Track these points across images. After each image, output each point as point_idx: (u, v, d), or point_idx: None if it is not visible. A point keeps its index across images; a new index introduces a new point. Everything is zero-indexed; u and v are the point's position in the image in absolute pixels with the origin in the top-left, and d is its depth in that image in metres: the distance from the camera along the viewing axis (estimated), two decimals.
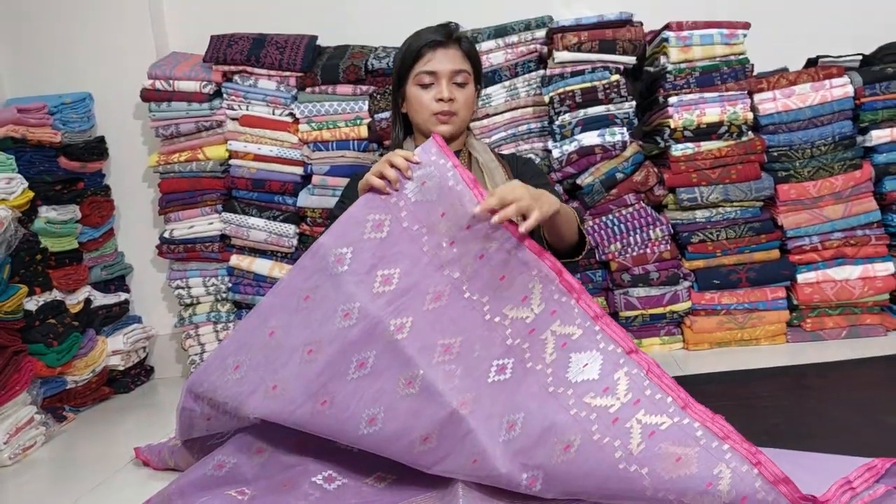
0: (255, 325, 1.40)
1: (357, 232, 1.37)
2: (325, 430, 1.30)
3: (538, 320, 1.33)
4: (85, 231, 2.41)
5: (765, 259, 2.21)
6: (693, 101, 2.18)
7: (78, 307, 2.29)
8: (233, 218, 2.37)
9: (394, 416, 1.27)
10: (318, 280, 1.36)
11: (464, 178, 1.37)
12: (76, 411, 2.24)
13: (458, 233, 1.36)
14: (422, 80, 1.73)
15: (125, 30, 2.54)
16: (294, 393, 1.29)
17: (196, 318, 2.43)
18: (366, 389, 1.28)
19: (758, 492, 1.12)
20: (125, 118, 2.59)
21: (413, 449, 1.26)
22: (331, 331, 1.31)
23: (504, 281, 1.35)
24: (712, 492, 1.13)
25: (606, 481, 1.19)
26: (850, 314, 2.21)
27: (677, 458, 1.16)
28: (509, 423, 1.27)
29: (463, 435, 1.25)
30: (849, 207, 2.18)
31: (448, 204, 1.37)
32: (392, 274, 1.34)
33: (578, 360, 1.30)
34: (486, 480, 1.26)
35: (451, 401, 1.25)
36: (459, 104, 1.74)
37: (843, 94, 2.18)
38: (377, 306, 1.31)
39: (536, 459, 1.23)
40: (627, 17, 2.20)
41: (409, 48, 1.76)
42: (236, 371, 1.38)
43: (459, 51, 1.77)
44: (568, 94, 2.19)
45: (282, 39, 2.36)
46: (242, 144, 2.35)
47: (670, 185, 2.22)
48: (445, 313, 1.33)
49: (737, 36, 2.18)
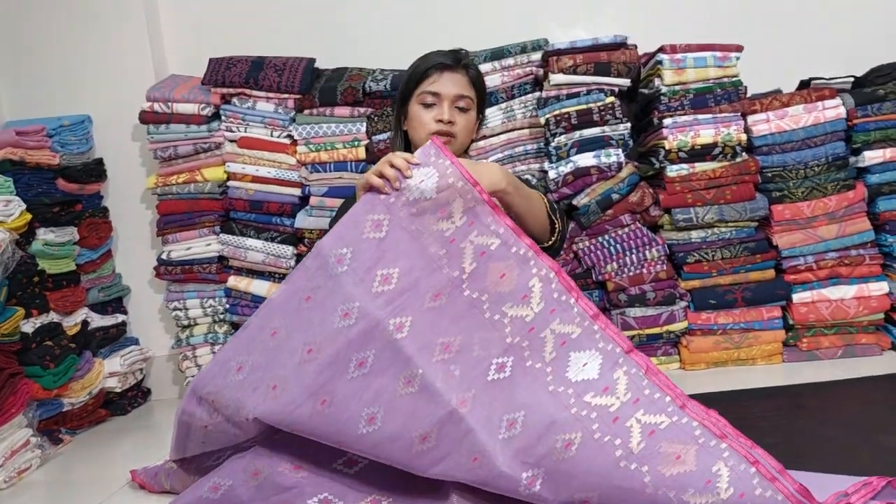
0: (258, 326, 1.41)
1: (356, 232, 1.37)
2: (323, 431, 1.29)
3: (538, 319, 1.34)
4: (83, 253, 2.41)
5: (760, 279, 2.22)
6: (687, 123, 2.20)
7: (75, 329, 2.29)
8: (230, 239, 2.37)
9: (393, 415, 1.26)
10: (319, 280, 1.36)
11: (463, 174, 1.38)
12: (72, 434, 2.23)
13: (458, 230, 1.37)
14: (424, 100, 1.75)
15: (124, 52, 2.56)
16: (293, 392, 1.29)
17: (193, 339, 2.42)
18: (365, 388, 1.27)
19: (755, 488, 1.14)
20: (124, 140, 2.60)
21: (412, 448, 1.26)
22: (330, 330, 1.30)
23: (504, 279, 1.35)
24: (711, 489, 1.14)
25: (607, 479, 1.20)
26: (846, 334, 2.21)
27: (677, 456, 1.18)
28: (509, 421, 1.27)
29: (462, 434, 1.25)
30: (843, 227, 2.19)
31: (447, 201, 1.38)
32: (391, 273, 1.34)
33: (578, 358, 1.31)
34: (486, 483, 1.26)
35: (450, 399, 1.26)
36: (459, 128, 1.76)
37: (835, 115, 2.19)
38: (376, 305, 1.31)
39: (537, 457, 1.23)
40: (622, 39, 2.22)
41: (416, 68, 1.79)
42: (239, 372, 1.38)
43: (466, 77, 1.79)
44: (564, 116, 2.21)
45: (280, 62, 2.38)
46: (240, 166, 2.36)
47: (666, 205, 2.23)
48: (445, 312, 1.34)
49: (730, 59, 2.20)
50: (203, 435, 1.47)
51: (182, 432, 1.50)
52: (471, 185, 1.38)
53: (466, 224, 1.38)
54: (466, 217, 1.38)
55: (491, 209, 1.39)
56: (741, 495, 1.14)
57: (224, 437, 1.44)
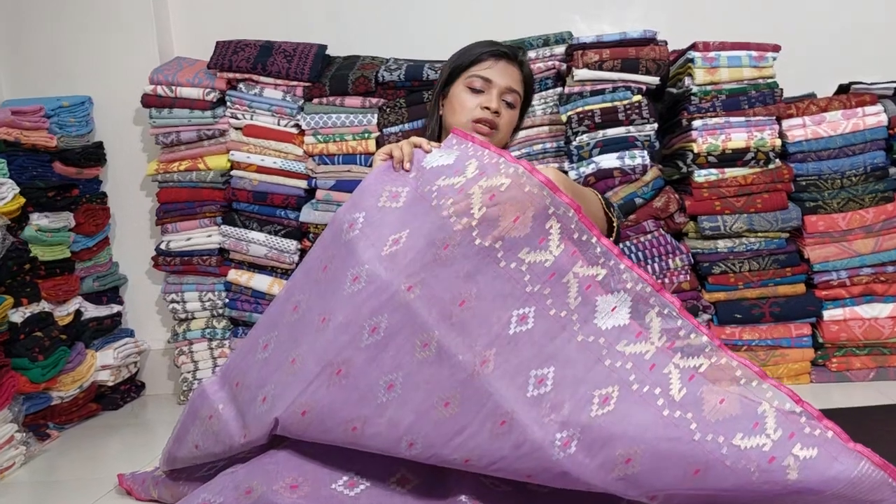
0: (283, 300, 1.39)
1: (372, 200, 1.35)
2: (342, 407, 1.22)
3: (558, 263, 1.24)
4: (78, 240, 2.32)
5: (789, 293, 2.11)
6: (718, 126, 2.09)
7: (67, 319, 2.20)
8: (232, 231, 2.28)
9: (412, 380, 1.20)
10: (334, 249, 1.33)
11: (482, 145, 1.36)
12: (60, 429, 2.14)
13: (468, 181, 1.30)
14: (473, 84, 1.65)
15: (129, 33, 2.47)
16: (309, 365, 1.24)
17: (190, 333, 2.33)
18: (381, 355, 1.22)
19: (804, 427, 1.09)
20: (125, 124, 2.51)
21: (435, 415, 1.18)
22: (342, 297, 1.26)
23: (518, 222, 1.25)
24: (760, 431, 1.08)
25: (651, 432, 1.12)
26: (879, 355, 2.10)
27: (721, 400, 1.12)
28: (538, 377, 1.18)
29: (486, 396, 1.17)
30: (879, 242, 2.08)
31: (464, 164, 1.34)
32: (401, 236, 1.29)
33: (606, 303, 1.21)
34: (514, 458, 1.16)
35: (469, 360, 1.18)
36: (503, 121, 1.65)
37: (876, 122, 2.08)
38: (385, 267, 1.25)
39: (572, 415, 1.14)
40: (652, 35, 2.11)
41: (469, 49, 1.69)
42: (265, 350, 1.36)
43: (520, 73, 1.70)
44: (587, 114, 2.10)
45: (290, 47, 2.28)
46: (245, 155, 2.27)
47: (692, 212, 2.12)
48: (456, 265, 1.25)
49: (766, 59, 2.09)
50: (201, 433, 1.39)
51: (187, 422, 1.44)
52: (489, 148, 1.34)
53: (477, 175, 1.31)
54: (479, 171, 1.32)
55: (507, 159, 1.33)
56: (791, 435, 1.08)
57: (220, 439, 1.35)
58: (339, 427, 1.23)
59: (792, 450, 1.08)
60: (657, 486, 1.12)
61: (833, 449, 1.08)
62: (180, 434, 1.46)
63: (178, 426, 1.48)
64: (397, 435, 1.21)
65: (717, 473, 1.09)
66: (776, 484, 1.07)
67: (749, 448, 1.08)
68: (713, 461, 1.09)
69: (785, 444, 1.08)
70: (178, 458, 1.46)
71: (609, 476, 1.13)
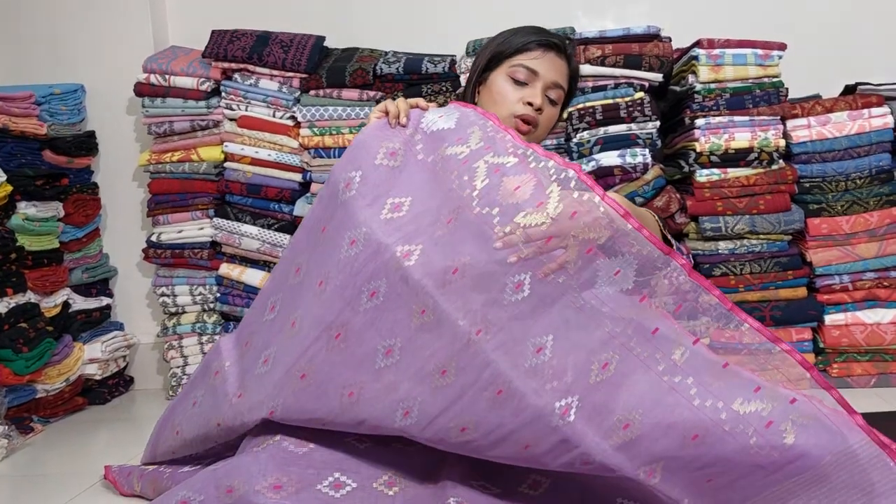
0: (287, 262, 1.41)
1: (368, 157, 1.34)
2: (341, 371, 1.22)
3: (556, 225, 1.18)
4: (67, 230, 2.28)
5: (791, 297, 2.07)
6: (722, 125, 2.05)
7: (55, 311, 2.16)
8: (225, 224, 2.23)
9: (410, 346, 1.19)
10: (332, 209, 1.33)
11: (483, 114, 1.36)
12: (45, 422, 2.10)
13: (472, 153, 1.30)
14: (516, 74, 1.52)
15: (123, 20, 2.42)
16: (308, 328, 1.25)
17: (180, 328, 2.28)
18: (380, 320, 1.21)
19: (808, 394, 1.07)
20: (118, 113, 2.46)
21: (432, 382, 1.16)
22: (339, 260, 1.26)
23: (518, 191, 1.23)
24: (759, 396, 1.05)
25: (650, 396, 1.08)
26: (881, 361, 2.06)
27: (724, 364, 1.08)
28: (536, 346, 1.14)
29: (482, 365, 1.13)
30: (884, 247, 2.04)
31: (466, 131, 1.33)
32: (402, 202, 1.29)
33: (609, 266, 1.15)
34: (512, 428, 1.12)
35: (465, 328, 1.15)
36: (543, 119, 1.54)
37: (882, 124, 2.04)
38: (384, 232, 1.25)
39: (571, 383, 1.11)
40: (655, 31, 2.08)
41: (516, 34, 1.56)
42: (272, 312, 1.37)
43: (568, 68, 1.59)
44: (588, 111, 2.06)
45: (287, 38, 2.24)
46: (239, 147, 2.22)
47: (693, 212, 2.08)
48: (454, 235, 1.23)
49: (772, 57, 2.05)
50: (204, 389, 1.43)
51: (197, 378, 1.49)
52: (492, 120, 1.33)
53: (483, 148, 1.30)
54: (483, 143, 1.31)
55: (512, 136, 1.31)
56: (792, 401, 1.05)
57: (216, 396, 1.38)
58: (336, 392, 1.22)
59: (791, 415, 1.04)
60: (655, 453, 1.08)
61: (835, 419, 1.05)
62: (187, 390, 1.50)
63: (188, 383, 1.52)
64: (394, 400, 1.19)
65: (715, 439, 1.05)
66: (773, 449, 1.03)
67: (748, 413, 1.05)
68: (711, 426, 1.06)
69: (786, 409, 1.05)
70: (168, 425, 1.48)
71: (607, 444, 1.09)
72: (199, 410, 1.44)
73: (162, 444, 1.55)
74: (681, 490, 1.10)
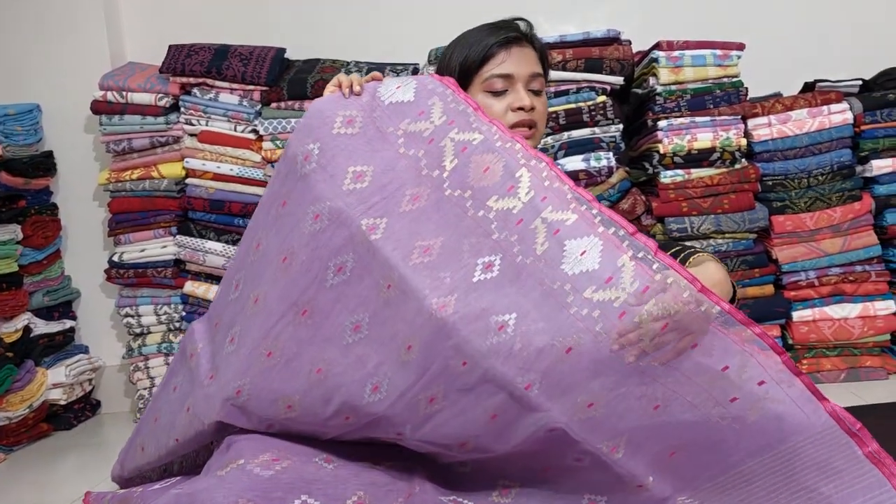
0: (248, 239, 1.38)
1: (325, 127, 1.30)
2: (306, 349, 1.20)
3: (527, 209, 1.16)
4: (27, 253, 2.23)
5: (758, 295, 2.08)
6: (684, 126, 2.05)
7: (15, 336, 2.11)
8: (188, 241, 2.20)
9: (377, 320, 1.18)
10: (291, 183, 1.29)
11: (443, 81, 1.34)
12: (8, 451, 2.05)
13: (437, 129, 1.28)
14: (493, 86, 1.42)
15: (79, 37, 2.38)
16: (273, 304, 1.23)
17: (146, 349, 2.24)
18: (348, 295, 1.20)
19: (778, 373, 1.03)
20: (76, 132, 2.41)
21: (399, 357, 1.15)
22: (303, 234, 1.23)
23: (488, 172, 1.21)
24: (728, 374, 1.03)
25: (613, 376, 1.05)
26: (849, 355, 2.08)
27: (694, 345, 1.04)
28: (498, 324, 1.11)
29: (445, 341, 1.11)
30: (847, 241, 2.05)
31: (426, 103, 1.31)
32: (365, 171, 1.25)
33: (574, 247, 1.12)
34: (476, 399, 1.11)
35: (429, 304, 1.12)
36: (538, 113, 1.44)
37: (841, 120, 2.06)
38: (347, 204, 1.22)
39: (533, 360, 1.08)
40: (615, 34, 2.07)
41: (473, 46, 1.43)
42: (236, 290, 1.35)
43: (534, 51, 1.48)
44: (551, 116, 2.05)
45: (246, 51, 2.21)
46: (200, 162, 2.19)
47: (658, 214, 2.08)
48: (425, 214, 1.21)
49: (730, 57, 2.06)
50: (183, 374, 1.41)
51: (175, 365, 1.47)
52: (451, 88, 1.32)
53: (446, 123, 1.28)
54: (446, 116, 1.28)
55: (474, 109, 1.29)
56: (761, 383, 1.02)
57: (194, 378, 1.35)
58: (304, 369, 1.20)
59: (755, 389, 1.03)
60: (619, 428, 1.07)
61: (802, 404, 1.03)
62: (167, 378, 1.48)
63: (168, 371, 1.50)
64: (364, 375, 1.17)
65: (678, 407, 1.05)
66: (736, 420, 1.03)
67: (715, 389, 1.04)
68: (673, 399, 1.05)
69: (753, 390, 1.03)
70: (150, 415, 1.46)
71: (573, 419, 1.08)
72: (178, 395, 1.41)
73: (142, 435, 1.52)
74: (645, 466, 1.09)
